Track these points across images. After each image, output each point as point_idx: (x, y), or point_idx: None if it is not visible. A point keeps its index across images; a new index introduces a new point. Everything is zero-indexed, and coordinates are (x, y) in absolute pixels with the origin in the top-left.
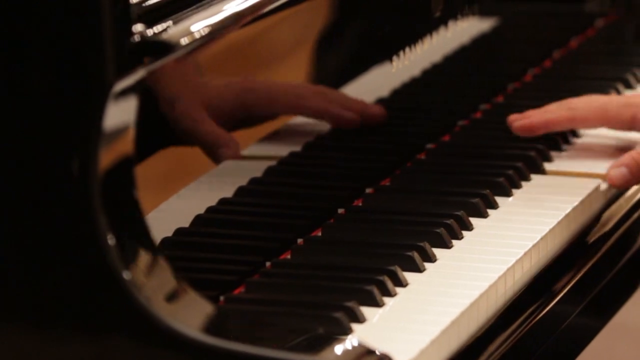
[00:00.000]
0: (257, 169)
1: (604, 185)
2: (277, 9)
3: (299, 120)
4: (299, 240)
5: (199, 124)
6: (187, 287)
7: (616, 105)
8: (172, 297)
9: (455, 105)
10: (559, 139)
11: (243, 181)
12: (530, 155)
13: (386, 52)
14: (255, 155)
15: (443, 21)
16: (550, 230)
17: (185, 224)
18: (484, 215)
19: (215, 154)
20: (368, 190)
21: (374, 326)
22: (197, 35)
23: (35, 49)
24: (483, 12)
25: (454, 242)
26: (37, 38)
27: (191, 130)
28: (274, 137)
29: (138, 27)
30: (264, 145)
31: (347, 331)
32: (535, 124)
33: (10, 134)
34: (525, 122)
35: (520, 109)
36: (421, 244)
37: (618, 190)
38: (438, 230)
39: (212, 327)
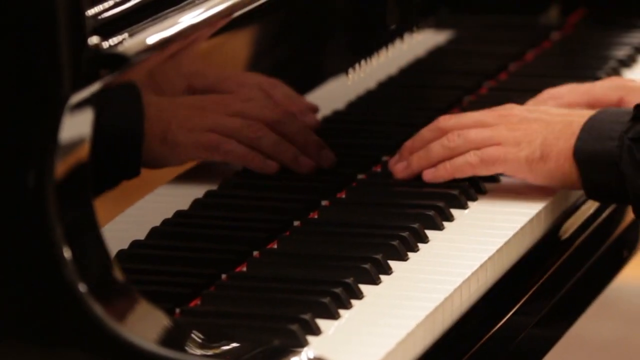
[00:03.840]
0: (213, 182)
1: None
2: (233, 22)
3: None
4: (255, 253)
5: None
6: (143, 299)
7: (601, 88)
8: (128, 310)
9: (411, 118)
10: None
11: (199, 193)
12: None
13: (342, 64)
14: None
15: (399, 33)
16: (507, 242)
17: (141, 236)
18: (439, 227)
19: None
20: (324, 203)
21: (330, 338)
22: (153, 48)
23: None
24: (439, 25)
25: (410, 254)
26: None
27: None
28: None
29: (94, 40)
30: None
31: (303, 343)
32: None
33: None
34: None
35: None
36: (377, 256)
37: (574, 204)
38: (394, 243)
39: (168, 339)
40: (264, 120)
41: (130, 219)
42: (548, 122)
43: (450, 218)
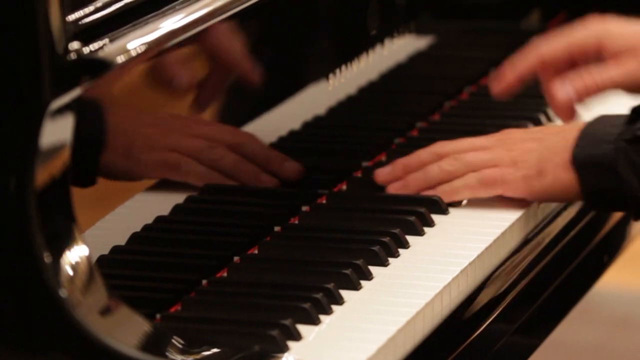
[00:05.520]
0: (194, 187)
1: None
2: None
3: None
4: (236, 258)
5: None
6: (123, 305)
7: (576, 32)
8: (108, 315)
9: (391, 123)
10: None
11: (179, 199)
12: None
13: (322, 69)
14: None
15: (379, 39)
16: (487, 248)
17: (122, 241)
18: (420, 233)
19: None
20: (304, 208)
21: (310, 344)
22: (133, 53)
23: None
24: (419, 30)
25: (391, 260)
26: None
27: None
28: None
29: (74, 45)
30: None
31: (284, 349)
32: (510, 79)
33: None
34: (500, 81)
35: (457, 126)
36: (357, 261)
37: (555, 209)
38: (374, 248)
39: (149, 344)
40: (224, 141)
41: (111, 224)
42: (542, 138)
43: (431, 223)
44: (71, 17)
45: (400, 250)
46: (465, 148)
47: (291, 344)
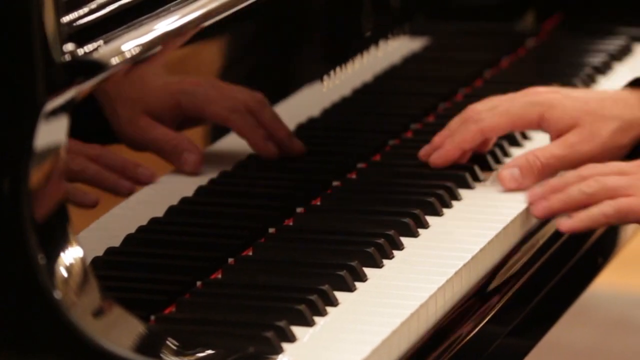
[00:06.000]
0: (188, 189)
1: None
2: (208, 29)
3: (229, 139)
4: (230, 260)
5: (149, 131)
6: (117, 306)
7: (520, 106)
8: (102, 317)
9: (386, 125)
10: (488, 158)
11: (174, 201)
12: (461, 175)
13: (317, 71)
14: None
15: (374, 40)
16: (481, 250)
17: (116, 243)
18: (415, 234)
19: (177, 161)
20: (299, 210)
21: (305, 346)
22: (127, 55)
23: None
24: (414, 32)
25: (385, 261)
26: None
27: (143, 139)
28: (204, 156)
29: (69, 47)
30: None
31: (278, 350)
32: (450, 152)
33: None
34: (440, 153)
35: None
36: (352, 263)
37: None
38: (369, 250)
39: (143, 346)
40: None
41: (106, 225)
42: None
43: (425, 225)
44: (66, 19)
45: (395, 252)
46: (608, 171)
47: (285, 345)
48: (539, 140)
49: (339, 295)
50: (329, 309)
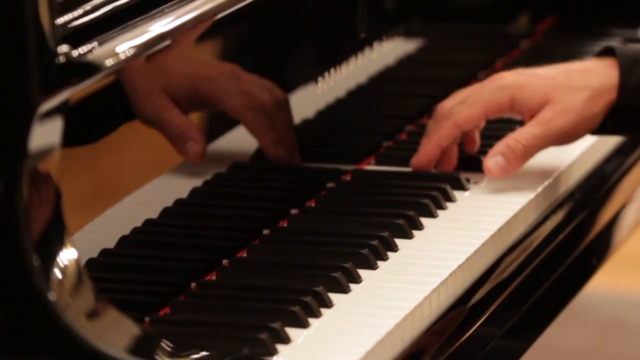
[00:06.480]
0: (182, 190)
1: (528, 207)
2: (202, 31)
3: (223, 140)
4: (225, 261)
5: (163, 111)
6: (112, 308)
7: (489, 92)
8: (97, 318)
9: (380, 126)
10: (481, 159)
11: (168, 202)
12: (455, 177)
13: (311, 72)
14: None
15: (368, 42)
16: (476, 252)
17: (111, 245)
18: (409, 236)
19: (182, 148)
20: (293, 212)
21: (299, 347)
22: (122, 56)
23: None
24: (408, 33)
25: (379, 263)
26: None
27: (155, 117)
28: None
29: (63, 48)
30: (189, 167)
31: (272, 352)
32: (428, 151)
33: None
34: (418, 155)
35: None
36: (346, 265)
37: (543, 213)
38: (363, 251)
39: (138, 348)
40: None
41: (100, 227)
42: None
43: (419, 227)
44: (60, 20)
45: (389, 254)
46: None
47: (280, 347)
48: None
49: (333, 296)
50: (323, 310)
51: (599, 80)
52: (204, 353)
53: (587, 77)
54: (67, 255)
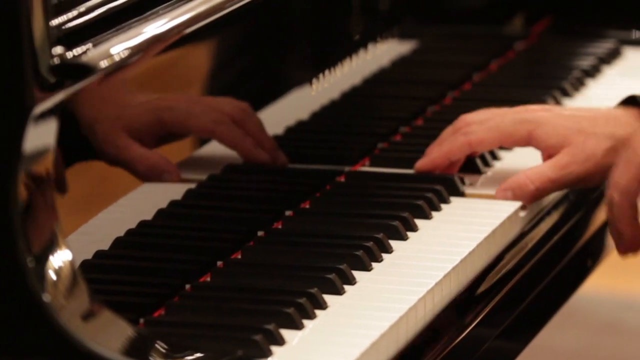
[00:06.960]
0: (177, 192)
1: (522, 210)
2: (197, 32)
3: (217, 142)
4: (219, 263)
5: (126, 151)
6: (106, 309)
7: (510, 122)
8: (91, 320)
9: (375, 128)
10: (478, 162)
11: (163, 204)
12: (450, 178)
13: (306, 74)
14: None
15: (363, 44)
16: (470, 253)
17: (105, 246)
18: (403, 237)
19: (158, 180)
20: (288, 213)
21: (294, 349)
22: (117, 58)
23: None
24: (403, 35)
25: (374, 264)
26: None
27: (119, 159)
28: (193, 159)
29: (58, 50)
30: (183, 168)
31: (267, 354)
32: (436, 160)
33: None
34: (426, 160)
35: (440, 132)
36: (341, 266)
37: (538, 214)
38: (358, 253)
39: (132, 349)
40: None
41: (94, 229)
42: None
43: (414, 228)
44: (55, 22)
45: (384, 255)
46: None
47: (274, 348)
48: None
49: (328, 298)
50: (318, 312)
51: (623, 130)
52: (198, 354)
53: (612, 126)
54: (62, 257)
